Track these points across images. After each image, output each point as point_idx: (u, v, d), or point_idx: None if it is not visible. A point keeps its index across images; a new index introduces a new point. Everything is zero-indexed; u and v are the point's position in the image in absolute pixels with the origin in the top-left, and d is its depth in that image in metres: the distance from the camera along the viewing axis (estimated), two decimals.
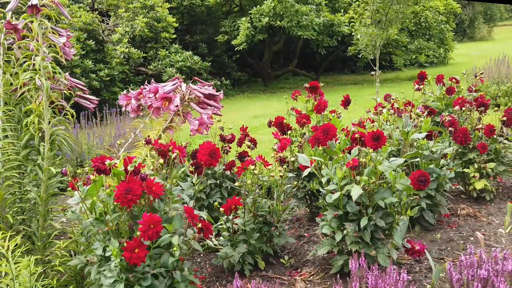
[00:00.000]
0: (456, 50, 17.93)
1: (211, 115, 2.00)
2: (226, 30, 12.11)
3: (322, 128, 2.02)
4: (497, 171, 2.94)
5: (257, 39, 11.32)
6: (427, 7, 12.48)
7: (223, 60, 13.39)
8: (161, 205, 1.79)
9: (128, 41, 9.81)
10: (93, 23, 9.40)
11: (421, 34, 12.86)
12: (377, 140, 1.87)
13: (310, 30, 10.94)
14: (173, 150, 1.81)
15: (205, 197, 2.62)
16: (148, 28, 9.97)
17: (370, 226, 1.97)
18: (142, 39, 10.25)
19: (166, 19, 10.30)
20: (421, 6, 12.47)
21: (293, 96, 2.87)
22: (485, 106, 2.97)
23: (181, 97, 1.97)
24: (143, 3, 9.89)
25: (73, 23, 9.05)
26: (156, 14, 10.02)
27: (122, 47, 9.42)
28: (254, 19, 11.07)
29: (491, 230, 2.55)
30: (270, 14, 10.75)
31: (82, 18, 9.28)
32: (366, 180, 1.91)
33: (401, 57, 12.57)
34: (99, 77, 9.08)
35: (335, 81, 14.55)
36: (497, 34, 32.83)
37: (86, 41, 9.19)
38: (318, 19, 11.09)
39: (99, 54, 9.71)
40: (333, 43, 12.05)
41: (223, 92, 8.67)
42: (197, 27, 12.90)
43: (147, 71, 11.17)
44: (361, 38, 5.56)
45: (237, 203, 2.02)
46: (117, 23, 10.07)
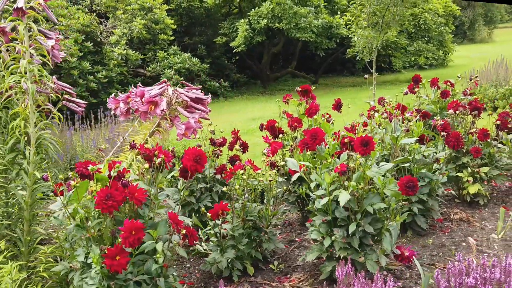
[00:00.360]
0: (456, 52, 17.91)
1: (199, 119, 1.97)
2: (225, 32, 12.11)
3: (310, 133, 2.00)
4: (491, 175, 2.91)
5: (255, 41, 11.32)
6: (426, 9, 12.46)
7: (222, 62, 13.38)
8: (145, 211, 1.77)
9: (126, 43, 9.81)
10: (91, 24, 9.40)
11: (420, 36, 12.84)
12: (366, 145, 1.84)
13: (309, 32, 10.93)
14: (159, 155, 1.79)
15: (195, 202, 2.60)
16: (146, 30, 9.97)
17: (359, 232, 1.94)
18: (140, 41, 10.25)
19: (164, 21, 10.30)
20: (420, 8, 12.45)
21: (284, 99, 2.85)
22: (479, 110, 2.94)
23: (168, 101, 1.95)
24: (141, 5, 9.89)
25: (70, 25, 9.06)
26: (154, 16, 10.02)
27: (119, 48, 9.42)
28: (252, 21, 11.07)
29: (483, 236, 2.52)
30: (268, 16, 10.74)
31: (80, 20, 9.28)
32: (355, 186, 1.89)
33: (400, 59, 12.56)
34: (97, 79, 9.07)
35: (334, 83, 14.53)
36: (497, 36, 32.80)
37: (84, 43, 9.18)
38: (316, 21, 11.08)
39: (97, 56, 9.70)
40: (332, 45, 12.04)
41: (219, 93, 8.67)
42: (196, 29, 12.90)
43: (146, 73, 11.16)
44: (358, 40, 5.54)
45: (225, 208, 2.00)
46: (115, 25, 10.07)
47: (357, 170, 1.96)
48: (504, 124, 2.97)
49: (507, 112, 3.08)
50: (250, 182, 2.28)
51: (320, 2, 11.69)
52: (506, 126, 2.97)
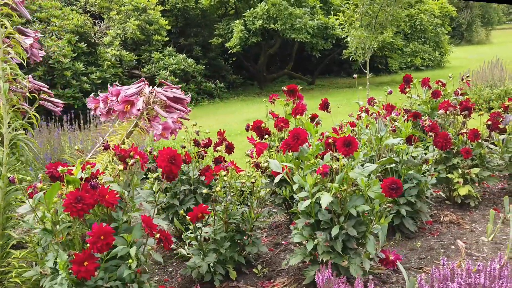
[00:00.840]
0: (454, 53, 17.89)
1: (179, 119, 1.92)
2: (220, 33, 12.07)
3: (293, 133, 1.94)
4: (482, 176, 2.86)
5: (251, 42, 11.27)
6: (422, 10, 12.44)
7: (218, 63, 13.33)
8: (119, 214, 1.71)
9: (120, 43, 9.74)
10: (85, 25, 9.35)
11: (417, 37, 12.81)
12: (348, 145, 1.79)
13: (304, 33, 10.89)
14: (134, 156, 1.73)
15: (178, 204, 2.54)
16: (140, 31, 9.92)
17: (342, 235, 1.88)
18: (134, 42, 10.19)
19: (158, 21, 10.24)
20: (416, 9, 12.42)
21: (270, 99, 2.79)
22: (469, 110, 2.89)
23: (146, 100, 1.89)
24: (135, 6, 9.83)
25: (64, 26, 9.00)
26: (148, 16, 9.97)
27: (113, 49, 9.35)
28: (248, 22, 11.03)
29: (473, 238, 2.47)
30: (263, 17, 10.70)
31: (74, 21, 9.22)
32: (337, 188, 1.83)
33: (397, 60, 12.52)
34: (91, 80, 9.01)
35: (331, 84, 14.50)
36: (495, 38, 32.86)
37: (78, 44, 9.13)
38: (312, 22, 11.04)
39: (91, 57, 9.65)
40: (328, 46, 12.00)
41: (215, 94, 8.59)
42: (192, 30, 12.85)
43: (141, 74, 11.10)
44: (351, 40, 5.49)
45: (204, 211, 1.94)
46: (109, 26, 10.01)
47: (341, 171, 1.91)
48: (495, 124, 2.91)
49: (498, 112, 3.03)
50: (234, 184, 2.22)
51: (316, 3, 11.65)
52: (497, 126, 2.92)
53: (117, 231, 1.70)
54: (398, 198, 2.47)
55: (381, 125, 2.24)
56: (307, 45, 11.80)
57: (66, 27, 9.03)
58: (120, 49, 9.57)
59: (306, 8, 11.39)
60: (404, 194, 2.47)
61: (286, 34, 10.94)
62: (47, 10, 9.32)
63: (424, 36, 12.72)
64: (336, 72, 16.14)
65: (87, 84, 8.85)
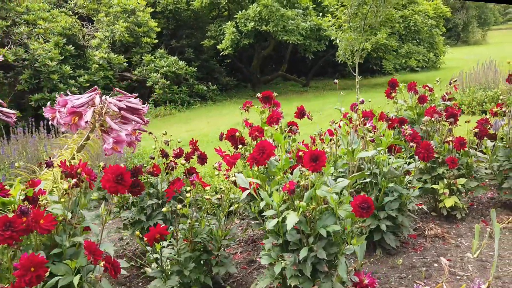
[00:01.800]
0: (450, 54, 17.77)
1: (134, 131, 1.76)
2: (212, 35, 11.92)
3: (258, 147, 1.79)
4: (469, 187, 2.72)
5: (243, 44, 11.12)
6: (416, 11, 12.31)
7: (211, 65, 13.18)
8: (63, 238, 1.56)
9: (108, 46, 9.58)
10: (73, 27, 9.18)
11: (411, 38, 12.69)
12: (315, 161, 1.64)
13: (296, 34, 10.75)
14: (81, 173, 1.58)
15: (145, 220, 2.39)
16: (129, 33, 9.75)
17: (311, 258, 1.73)
18: (123, 44, 10.03)
19: (147, 23, 10.08)
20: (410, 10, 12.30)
21: (244, 106, 2.64)
22: (455, 117, 2.74)
23: (98, 111, 1.74)
24: (124, 8, 9.68)
25: (50, 28, 8.83)
26: (137, 18, 9.80)
27: (101, 52, 9.19)
28: (239, 24, 10.88)
29: (458, 255, 2.32)
30: (255, 18, 10.55)
31: (61, 23, 9.06)
32: (304, 206, 1.68)
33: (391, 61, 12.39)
34: (79, 83, 8.84)
35: (325, 86, 14.36)
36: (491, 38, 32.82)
37: (66, 46, 8.97)
38: (304, 24, 10.90)
39: (80, 60, 9.49)
40: (322, 47, 11.86)
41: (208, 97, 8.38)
42: (184, 32, 12.69)
43: (132, 77, 10.94)
44: (340, 43, 5.35)
45: (163, 231, 1.79)
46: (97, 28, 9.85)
47: (311, 188, 1.76)
48: (483, 131, 2.77)
49: (487, 119, 2.88)
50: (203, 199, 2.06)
51: (308, 4, 11.52)
52: (485, 133, 2.78)
53: (61, 257, 1.55)
54: (378, 212, 2.32)
55: (354, 137, 2.10)
56: (300, 46, 11.67)
57: (53, 30, 8.87)
58: (108, 51, 9.41)
59: (299, 10, 11.25)
60: (385, 208, 2.33)
61: (278, 36, 10.80)
62: (35, 12, 9.16)
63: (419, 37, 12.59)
64: (331, 74, 16.01)
65: (75, 87, 8.68)
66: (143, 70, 10.68)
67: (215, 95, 12.24)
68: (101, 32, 9.59)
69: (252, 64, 13.72)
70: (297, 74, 15.32)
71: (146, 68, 10.66)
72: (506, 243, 2.42)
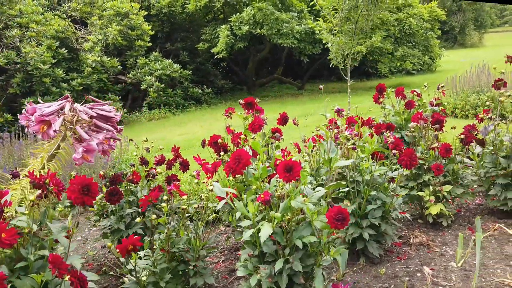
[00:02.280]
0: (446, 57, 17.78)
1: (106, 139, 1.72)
2: (207, 38, 11.89)
3: (234, 156, 1.76)
4: (455, 194, 2.68)
5: (237, 47, 11.10)
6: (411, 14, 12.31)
7: (206, 68, 13.15)
8: (29, 251, 1.51)
9: (101, 49, 9.54)
10: (66, 31, 9.14)
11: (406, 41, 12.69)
12: (290, 171, 1.60)
13: (291, 38, 10.73)
14: (49, 184, 1.54)
15: (124, 228, 2.34)
16: (122, 36, 9.71)
17: (287, 270, 1.69)
18: (116, 47, 9.99)
19: (141, 26, 10.04)
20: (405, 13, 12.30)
21: (226, 113, 2.60)
22: (441, 123, 2.71)
23: (70, 119, 1.70)
24: (117, 11, 9.64)
25: (43, 31, 8.79)
26: (130, 21, 9.77)
27: (94, 55, 9.14)
28: (234, 27, 10.86)
29: (442, 264, 2.28)
30: (250, 22, 10.53)
31: (54, 26, 9.02)
32: (279, 217, 1.64)
33: (386, 64, 12.38)
34: (71, 87, 8.80)
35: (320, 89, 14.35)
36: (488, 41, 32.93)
37: (58, 50, 8.92)
38: (299, 27, 10.89)
39: (73, 63, 9.45)
40: (317, 50, 11.85)
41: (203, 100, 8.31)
42: (179, 35, 12.67)
43: (126, 80, 10.90)
44: (331, 47, 5.32)
45: (136, 242, 1.74)
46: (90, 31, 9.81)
47: (287, 198, 1.72)
48: (469, 138, 2.74)
49: (473, 125, 2.85)
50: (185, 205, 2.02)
51: (303, 7, 11.51)
52: (471, 140, 2.75)
53: (27, 271, 1.51)
54: (361, 220, 2.28)
55: (332, 145, 2.06)
56: (295, 50, 11.66)
57: (46, 33, 8.82)
58: (101, 55, 9.36)
59: (294, 13, 11.24)
60: (368, 216, 2.29)
61: (273, 39, 10.78)
62: (28, 15, 9.12)
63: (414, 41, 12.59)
64: (327, 77, 16.01)
65: (67, 91, 8.63)
66: (137, 73, 10.64)
67: (210, 98, 12.21)
68: (94, 35, 9.56)
69: (247, 67, 13.70)
70: (293, 77, 15.31)
71: (140, 71, 10.63)
72: (491, 251, 2.38)
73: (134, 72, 10.69)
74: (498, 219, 2.79)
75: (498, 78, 2.82)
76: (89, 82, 9.15)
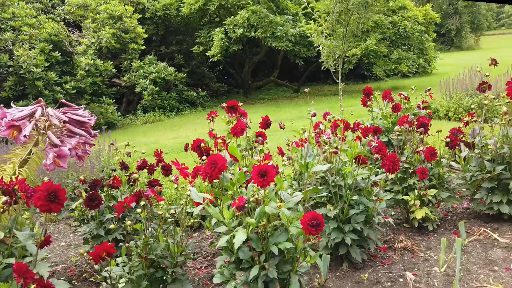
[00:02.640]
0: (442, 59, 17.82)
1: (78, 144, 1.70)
2: (202, 41, 11.88)
3: (210, 160, 1.73)
4: (440, 198, 2.66)
5: (232, 50, 11.09)
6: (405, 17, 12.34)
7: (202, 71, 13.13)
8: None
9: (95, 52, 9.52)
10: (59, 34, 9.12)
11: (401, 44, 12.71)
12: (264, 176, 1.57)
13: (285, 41, 10.73)
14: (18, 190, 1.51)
15: (104, 234, 2.31)
16: (115, 39, 9.69)
17: (262, 277, 1.66)
18: (109, 51, 9.96)
19: (135, 29, 10.03)
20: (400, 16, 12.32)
21: (209, 116, 2.58)
22: (425, 127, 2.69)
23: (43, 124, 1.67)
24: (110, 14, 9.63)
25: (36, 35, 8.76)
26: (124, 24, 9.75)
27: (87, 58, 9.12)
28: (228, 30, 10.86)
29: (425, 269, 2.25)
30: (244, 25, 10.53)
31: (48, 29, 9.00)
32: (254, 223, 1.62)
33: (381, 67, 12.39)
34: (65, 90, 8.76)
35: (316, 92, 14.34)
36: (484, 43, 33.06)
37: (52, 53, 8.90)
38: (293, 30, 10.89)
39: (66, 66, 9.42)
40: (312, 53, 11.85)
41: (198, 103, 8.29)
42: (174, 38, 12.66)
43: (121, 83, 10.88)
44: (322, 50, 5.31)
45: (109, 250, 1.71)
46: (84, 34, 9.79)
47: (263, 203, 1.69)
48: (455, 142, 2.72)
49: (459, 128, 2.83)
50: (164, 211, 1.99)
51: (298, 10, 11.52)
52: (456, 143, 2.73)
53: None
54: (343, 225, 2.26)
55: (309, 150, 2.03)
56: (290, 52, 11.66)
57: (39, 36, 8.80)
58: (94, 58, 9.34)
59: (288, 16, 11.25)
60: (350, 221, 2.26)
61: (267, 42, 10.78)
62: (21, 18, 9.10)
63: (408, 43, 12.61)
64: (323, 79, 16.01)
65: (60, 94, 8.60)
66: (132, 76, 10.62)
67: (205, 101, 12.19)
68: (88, 39, 9.54)
69: (243, 70, 13.70)
70: (289, 80, 15.31)
71: (135, 74, 10.61)
72: (475, 256, 2.36)
73: (129, 75, 10.67)
74: (484, 223, 2.77)
75: (483, 81, 2.81)
76: (83, 86, 9.12)
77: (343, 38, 5.12)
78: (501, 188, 2.66)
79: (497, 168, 2.62)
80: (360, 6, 4.94)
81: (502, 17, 45.99)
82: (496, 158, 2.67)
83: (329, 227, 2.25)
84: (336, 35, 5.21)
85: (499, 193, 2.65)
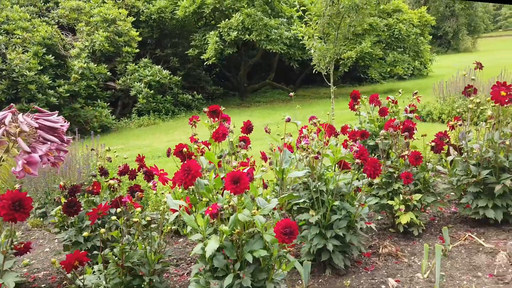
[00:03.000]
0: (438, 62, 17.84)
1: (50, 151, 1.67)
2: (197, 44, 11.87)
3: (183, 167, 1.70)
4: (426, 202, 2.64)
5: (227, 53, 11.08)
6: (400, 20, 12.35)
7: (197, 74, 13.12)
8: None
9: (88, 55, 9.50)
10: (53, 37, 9.10)
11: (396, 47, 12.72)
12: (237, 183, 1.55)
13: (280, 44, 10.73)
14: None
15: (83, 241, 2.28)
16: (109, 43, 9.67)
17: (237, 285, 1.63)
18: (103, 54, 9.94)
19: (128, 33, 10.01)
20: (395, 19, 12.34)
21: (190, 121, 2.55)
22: (410, 131, 2.67)
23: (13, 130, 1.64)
24: (104, 17, 9.61)
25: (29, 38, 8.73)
26: (117, 28, 9.73)
27: (80, 62, 9.09)
28: (223, 33, 10.85)
29: (408, 275, 2.23)
30: (238, 27, 10.53)
31: (41, 32, 8.97)
32: (227, 231, 1.59)
33: (377, 70, 12.40)
34: (58, 93, 8.73)
35: (312, 94, 14.34)
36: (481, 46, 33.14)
37: (45, 56, 8.87)
38: (288, 33, 10.89)
39: (60, 69, 9.39)
40: (308, 56, 11.85)
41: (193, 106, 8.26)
42: (169, 41, 12.65)
43: (116, 86, 10.86)
44: (313, 53, 5.30)
45: (82, 258, 1.68)
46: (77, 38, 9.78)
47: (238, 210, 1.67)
48: (440, 146, 2.70)
49: (445, 132, 2.81)
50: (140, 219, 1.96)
51: (293, 13, 11.53)
52: (441, 147, 2.71)
53: None
54: (326, 231, 2.23)
55: (286, 156, 2.01)
56: (285, 55, 11.66)
57: (32, 39, 8.77)
58: (87, 61, 9.31)
59: (283, 19, 11.25)
60: (332, 227, 2.24)
61: (262, 45, 10.78)
62: (15, 21, 9.08)
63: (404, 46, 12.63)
64: (319, 82, 15.99)
65: (54, 97, 8.57)
66: (127, 80, 10.60)
67: (200, 104, 12.17)
68: (81, 42, 9.52)
69: (239, 72, 13.69)
70: (285, 83, 15.31)
71: (130, 78, 10.59)
72: (459, 261, 2.33)
73: (124, 79, 10.65)
74: (471, 228, 2.75)
75: (468, 85, 2.79)
76: (77, 89, 9.09)
77: (335, 41, 5.11)
78: (487, 192, 2.64)
79: (482, 173, 2.60)
80: (351, 10, 4.93)
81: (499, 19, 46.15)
82: (482, 162, 2.65)
83: (311, 233, 2.23)
84: (327, 38, 5.20)
85: (485, 197, 2.63)
